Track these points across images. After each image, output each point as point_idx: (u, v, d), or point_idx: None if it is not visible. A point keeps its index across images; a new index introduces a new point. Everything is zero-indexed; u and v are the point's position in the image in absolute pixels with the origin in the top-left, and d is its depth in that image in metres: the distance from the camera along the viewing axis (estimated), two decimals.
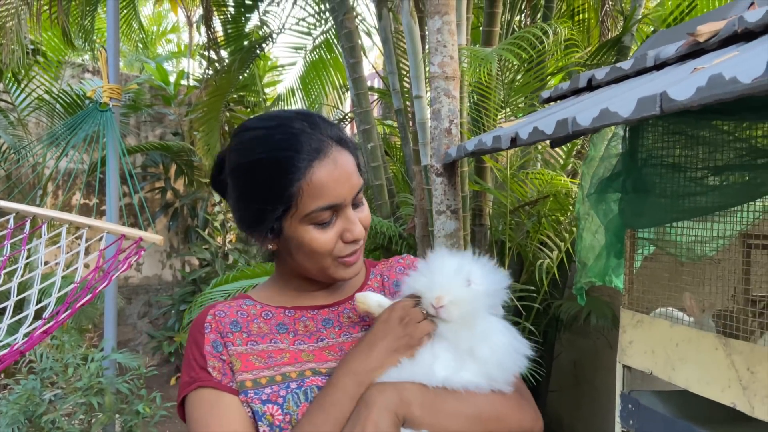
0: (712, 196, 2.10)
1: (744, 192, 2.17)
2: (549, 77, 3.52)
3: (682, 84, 1.22)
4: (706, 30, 1.66)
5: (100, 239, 2.43)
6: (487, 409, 0.94)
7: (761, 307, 2.30)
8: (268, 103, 6.58)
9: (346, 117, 5.66)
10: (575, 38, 3.42)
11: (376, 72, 5.52)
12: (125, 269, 2.42)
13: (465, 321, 0.94)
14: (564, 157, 3.93)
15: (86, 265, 2.59)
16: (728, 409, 1.93)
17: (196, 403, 0.97)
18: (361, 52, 4.11)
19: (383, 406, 0.89)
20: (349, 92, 8.32)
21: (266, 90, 6.97)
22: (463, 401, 0.93)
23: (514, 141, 1.83)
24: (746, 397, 1.70)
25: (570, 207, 3.50)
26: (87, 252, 2.47)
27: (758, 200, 2.19)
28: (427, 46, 3.17)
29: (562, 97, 2.34)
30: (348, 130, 7.57)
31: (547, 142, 2.23)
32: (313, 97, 6.03)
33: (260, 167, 0.96)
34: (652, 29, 4.37)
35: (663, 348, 2.03)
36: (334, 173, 0.96)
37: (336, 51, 5.60)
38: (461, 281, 0.96)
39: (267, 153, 0.96)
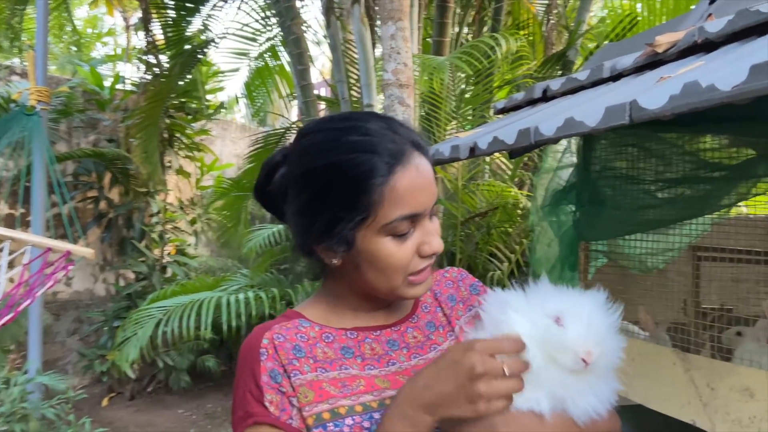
0: (665, 209, 2.10)
1: (696, 204, 2.17)
2: (497, 89, 3.52)
3: (652, 92, 1.18)
4: (664, 41, 1.64)
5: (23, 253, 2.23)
6: None
7: (711, 319, 2.32)
8: (211, 111, 6.37)
9: (293, 126, 5.52)
10: (526, 50, 3.43)
11: (325, 80, 5.42)
12: (51, 285, 2.22)
13: (607, 370, 0.85)
14: (512, 168, 3.93)
15: (10, 280, 2.38)
16: (683, 423, 1.92)
17: None
18: (309, 60, 4.00)
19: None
20: (296, 100, 8.21)
21: (208, 97, 6.75)
22: None
23: (473, 151, 1.77)
24: (706, 414, 1.68)
25: (519, 218, 3.49)
26: (11, 266, 2.27)
27: (707, 213, 2.21)
28: (377, 53, 3.10)
29: (517, 107, 2.31)
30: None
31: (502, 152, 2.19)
32: (259, 104, 5.87)
33: (335, 171, 0.86)
34: (595, 44, 4.45)
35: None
36: (417, 180, 0.87)
37: (282, 58, 5.47)
38: (613, 332, 0.86)
39: (343, 155, 0.86)
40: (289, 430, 0.85)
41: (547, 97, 2.15)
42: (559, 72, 4.22)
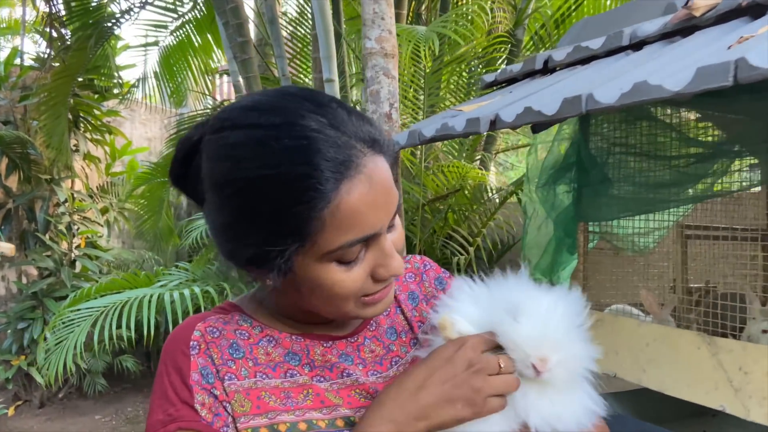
0: (671, 188, 2.03)
1: (691, 180, 2.12)
2: (476, 61, 3.37)
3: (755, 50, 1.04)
4: (702, 3, 1.52)
5: None
6: None
7: (697, 297, 2.29)
8: (125, 89, 5.81)
9: (221, 105, 5.12)
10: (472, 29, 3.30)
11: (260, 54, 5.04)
12: None
13: (567, 381, 0.73)
14: (468, 149, 3.81)
15: None
16: (682, 405, 1.86)
17: None
18: (249, 31, 3.66)
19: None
20: (219, 77, 7.68)
21: (121, 73, 6.15)
22: None
23: (494, 124, 1.58)
24: (739, 399, 1.60)
25: (482, 200, 3.37)
26: None
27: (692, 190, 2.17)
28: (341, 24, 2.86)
29: (511, 80, 2.15)
30: None
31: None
32: (179, 81, 5.39)
33: (262, 189, 0.67)
34: (540, 24, 4.40)
35: (629, 349, 1.91)
36: (369, 195, 0.68)
37: (208, 32, 5.03)
38: (572, 336, 0.73)
39: (272, 169, 0.66)
40: None
41: (548, 68, 2.00)
42: (508, 50, 4.13)
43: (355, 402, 0.78)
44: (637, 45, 1.73)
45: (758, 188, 2.38)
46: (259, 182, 0.67)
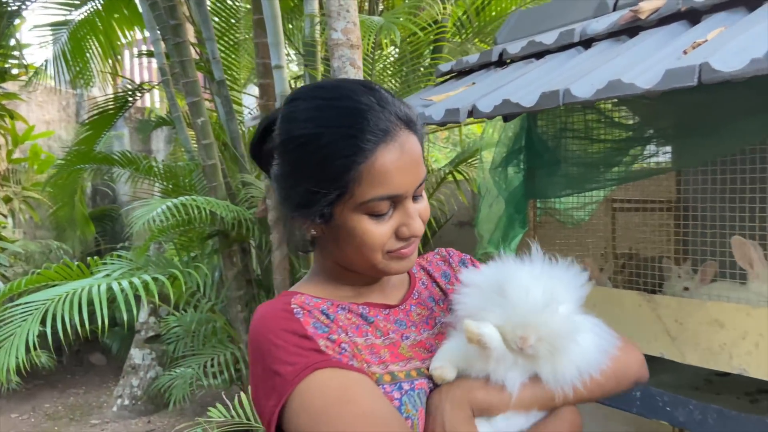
0: (606, 168, 2.29)
1: (618, 161, 2.39)
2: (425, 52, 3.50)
3: (722, 54, 1.26)
4: (647, 7, 1.76)
5: None
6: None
7: (623, 261, 2.61)
8: (31, 71, 5.43)
9: (141, 88, 4.93)
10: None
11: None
12: None
13: (552, 354, 0.85)
14: None
15: None
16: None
17: (317, 390, 0.78)
18: (183, 13, 3.59)
19: (449, 407, 0.85)
20: (138, 58, 7.31)
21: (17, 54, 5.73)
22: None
23: (471, 113, 1.75)
24: (675, 346, 1.89)
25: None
26: None
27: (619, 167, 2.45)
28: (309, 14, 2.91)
29: (467, 71, 2.32)
30: (143, 103, 6.66)
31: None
32: (87, 60, 5.09)
33: (316, 143, 0.83)
34: (463, 10, 4.60)
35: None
36: (400, 160, 0.84)
37: (123, 10, 4.81)
38: (550, 312, 0.83)
39: (326, 128, 0.83)
40: (355, 369, 0.82)
41: (503, 61, 2.19)
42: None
43: (420, 355, 0.92)
44: (587, 42, 1.94)
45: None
46: (313, 138, 0.83)
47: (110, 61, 5.39)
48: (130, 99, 4.84)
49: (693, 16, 1.69)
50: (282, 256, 3.34)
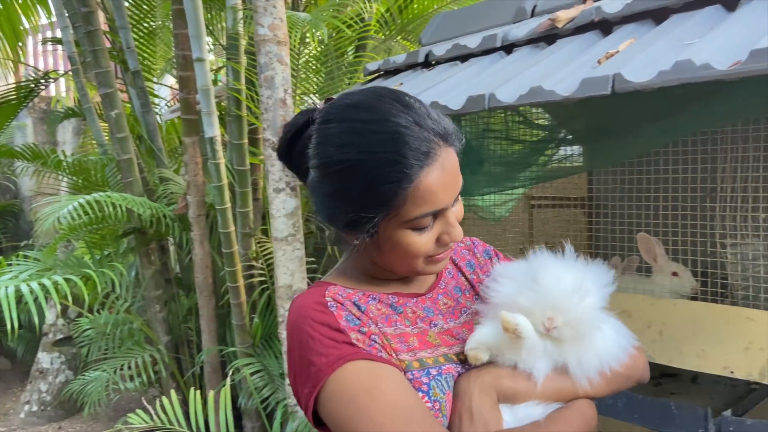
0: (524, 167, 2.39)
1: (535, 161, 2.51)
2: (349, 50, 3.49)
3: (633, 65, 1.35)
4: (563, 16, 1.85)
5: None
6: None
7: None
8: None
9: (48, 77, 4.63)
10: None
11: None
12: None
13: (577, 340, 0.92)
14: None
15: None
16: None
17: (348, 380, 0.84)
18: (95, 0, 3.40)
19: (477, 391, 0.89)
20: (42, 45, 6.84)
21: None
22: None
23: None
24: None
25: None
26: None
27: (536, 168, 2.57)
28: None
29: (393, 71, 2.35)
30: (48, 93, 6.26)
31: None
32: None
33: (360, 170, 0.85)
34: (386, 7, 4.64)
35: None
36: (442, 179, 0.87)
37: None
38: (577, 299, 0.91)
39: (369, 154, 0.85)
40: (383, 361, 0.87)
41: (428, 62, 2.24)
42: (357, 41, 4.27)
43: (447, 342, 0.97)
44: (508, 47, 2.02)
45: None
46: (358, 164, 0.85)
47: (10, 48, 5.03)
48: (35, 88, 4.54)
49: (605, 27, 1.80)
50: (203, 254, 3.26)
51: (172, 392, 2.57)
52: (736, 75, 1.16)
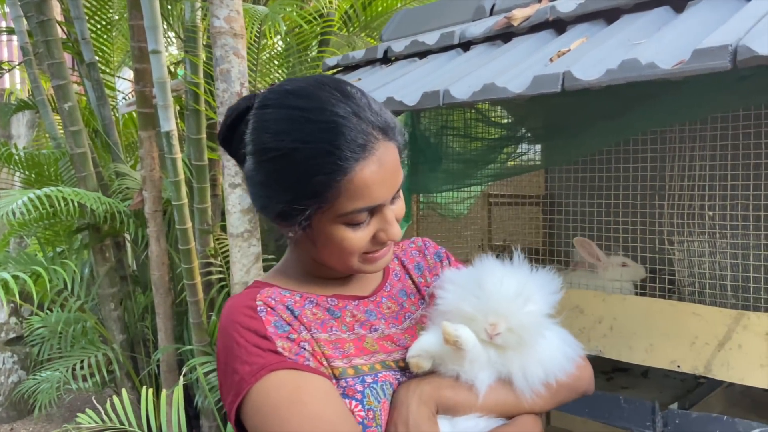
0: (483, 165, 2.41)
1: (493, 158, 2.53)
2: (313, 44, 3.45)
3: (583, 64, 1.37)
4: (519, 15, 1.87)
5: None
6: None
7: (497, 252, 2.77)
8: None
9: (0, 68, 4.49)
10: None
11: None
12: None
13: (520, 346, 0.90)
14: None
15: None
16: None
17: (270, 391, 0.81)
18: None
19: (415, 402, 0.87)
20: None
21: None
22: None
23: None
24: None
25: None
26: None
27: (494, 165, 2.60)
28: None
29: (353, 66, 2.34)
30: (1, 84, 6.05)
31: None
32: None
33: (293, 159, 0.82)
34: (349, 4, 4.62)
35: None
36: (379, 174, 0.84)
37: None
38: (521, 303, 0.89)
39: (303, 143, 0.82)
40: (309, 371, 0.84)
41: (388, 58, 2.24)
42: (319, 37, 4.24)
43: (386, 348, 0.94)
44: (465, 44, 2.03)
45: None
46: (291, 152, 0.82)
47: None
48: None
49: (559, 26, 1.82)
50: (160, 251, 3.20)
51: (124, 391, 2.51)
52: (680, 74, 1.19)
